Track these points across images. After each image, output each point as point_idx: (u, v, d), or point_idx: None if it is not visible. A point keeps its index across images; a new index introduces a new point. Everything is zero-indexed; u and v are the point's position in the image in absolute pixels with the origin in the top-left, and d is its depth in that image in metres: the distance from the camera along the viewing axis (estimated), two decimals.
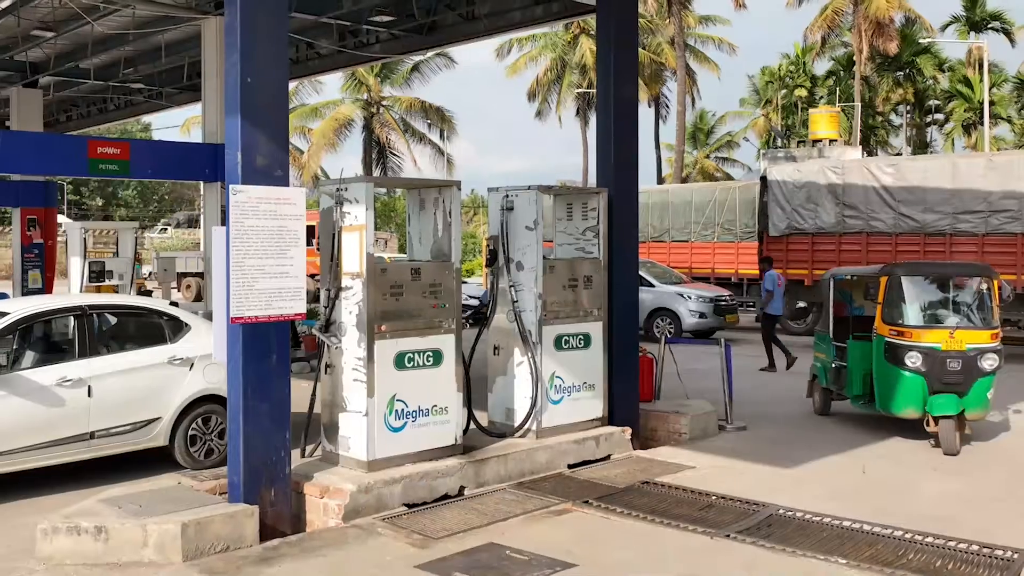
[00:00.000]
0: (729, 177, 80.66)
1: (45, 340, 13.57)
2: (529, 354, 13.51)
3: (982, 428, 15.93)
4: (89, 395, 12.82)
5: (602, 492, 12.16)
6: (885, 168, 27.14)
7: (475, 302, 27.39)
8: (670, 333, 27.59)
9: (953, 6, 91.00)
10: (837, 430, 16.19)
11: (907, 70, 78.01)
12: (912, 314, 15.26)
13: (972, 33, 74.15)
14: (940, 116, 79.71)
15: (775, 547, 10.02)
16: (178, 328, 14.09)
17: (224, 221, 10.40)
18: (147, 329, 14.11)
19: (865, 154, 61.68)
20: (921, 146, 79.98)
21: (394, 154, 68.65)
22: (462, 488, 12.10)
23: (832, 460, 14.05)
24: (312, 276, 17.18)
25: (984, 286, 15.22)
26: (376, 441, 11.58)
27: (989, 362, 14.57)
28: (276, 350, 10.85)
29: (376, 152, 67.91)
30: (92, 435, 12.89)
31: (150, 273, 47.42)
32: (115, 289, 24.96)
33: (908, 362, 14.72)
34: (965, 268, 17.38)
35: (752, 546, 10.07)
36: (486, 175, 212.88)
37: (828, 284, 17.44)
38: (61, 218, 46.28)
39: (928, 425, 14.64)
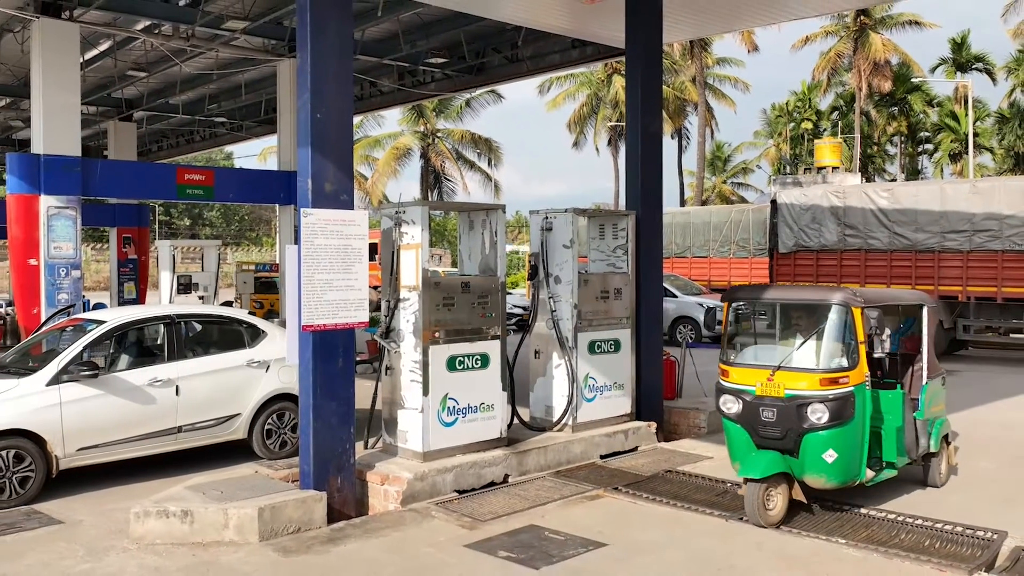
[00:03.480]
0: (744, 200, 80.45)
1: (138, 345, 13.61)
2: (566, 357, 13.48)
3: (977, 423, 15.82)
4: (177, 394, 12.87)
5: (630, 480, 12.11)
6: (881, 192, 27.00)
7: (520, 311, 27.37)
8: (691, 338, 27.46)
9: (942, 49, 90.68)
10: None
11: (901, 106, 77.80)
12: (738, 349, 11.35)
13: (959, 73, 73.91)
14: (930, 146, 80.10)
15: (781, 529, 9.95)
16: (256, 334, 14.12)
17: (297, 240, 10.40)
18: (228, 335, 14.14)
19: (864, 180, 61.44)
20: (913, 173, 79.66)
21: (448, 180, 68.74)
22: (506, 476, 12.06)
23: None
24: (374, 288, 17.15)
25: (838, 318, 10.54)
26: (430, 434, 11.60)
27: (816, 415, 10.11)
28: (342, 354, 10.86)
29: (432, 178, 68.00)
30: (179, 429, 12.94)
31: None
32: (201, 299, 25.00)
33: (723, 407, 10.89)
34: (812, 294, 12.00)
35: (762, 528, 10.01)
36: (529, 199, 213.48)
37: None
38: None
39: (740, 487, 10.51)
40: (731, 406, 10.77)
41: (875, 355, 10.71)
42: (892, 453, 11.05)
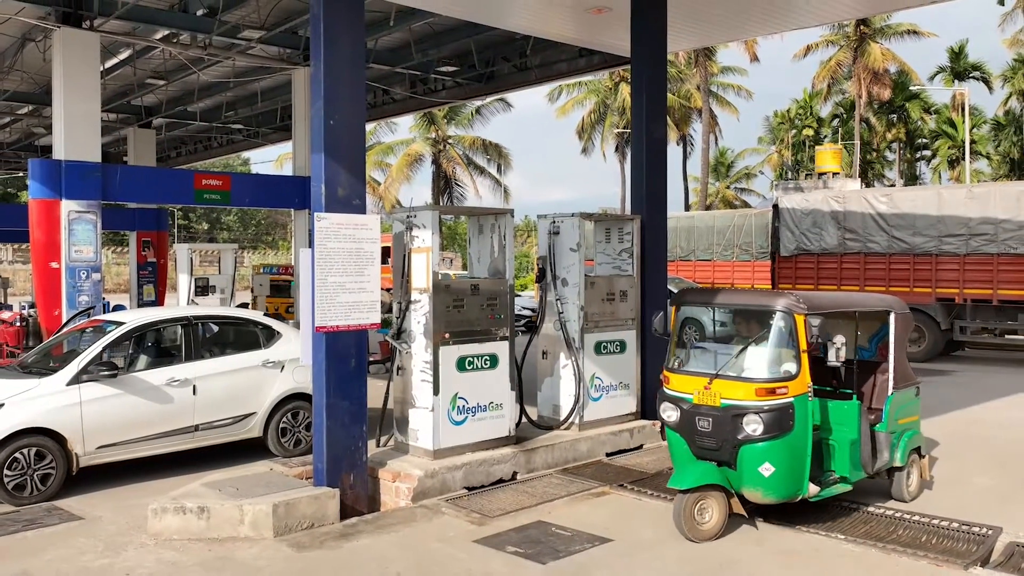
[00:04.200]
0: (747, 205, 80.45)
1: (156, 346, 13.63)
2: (573, 358, 13.46)
3: (973, 422, 15.80)
4: (194, 393, 12.89)
5: (635, 477, 12.09)
6: (880, 198, 26.96)
7: (528, 313, 27.31)
8: (696, 339, 27.39)
9: (940, 58, 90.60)
10: None
11: (900, 113, 77.85)
12: (680, 354, 10.64)
13: (956, 81, 73.90)
14: (928, 152, 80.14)
15: (782, 524, 9.93)
16: (271, 335, 14.14)
17: (311, 244, 10.41)
18: (244, 336, 14.16)
19: (863, 185, 61.32)
20: (912, 178, 79.74)
21: (458, 185, 68.74)
22: (515, 473, 12.05)
23: None
24: (386, 290, 17.17)
25: (779, 324, 9.75)
26: (441, 433, 11.59)
27: (752, 426, 9.41)
28: (355, 355, 10.86)
29: (443, 183, 68.01)
30: (196, 428, 12.97)
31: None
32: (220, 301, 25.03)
33: (663, 415, 10.29)
34: (754, 299, 11.11)
35: (762, 522, 9.99)
36: (537, 203, 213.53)
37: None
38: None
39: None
40: (670, 414, 10.16)
41: (829, 363, 9.93)
42: (845, 467, 10.30)
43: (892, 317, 11.01)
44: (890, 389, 10.84)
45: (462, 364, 11.84)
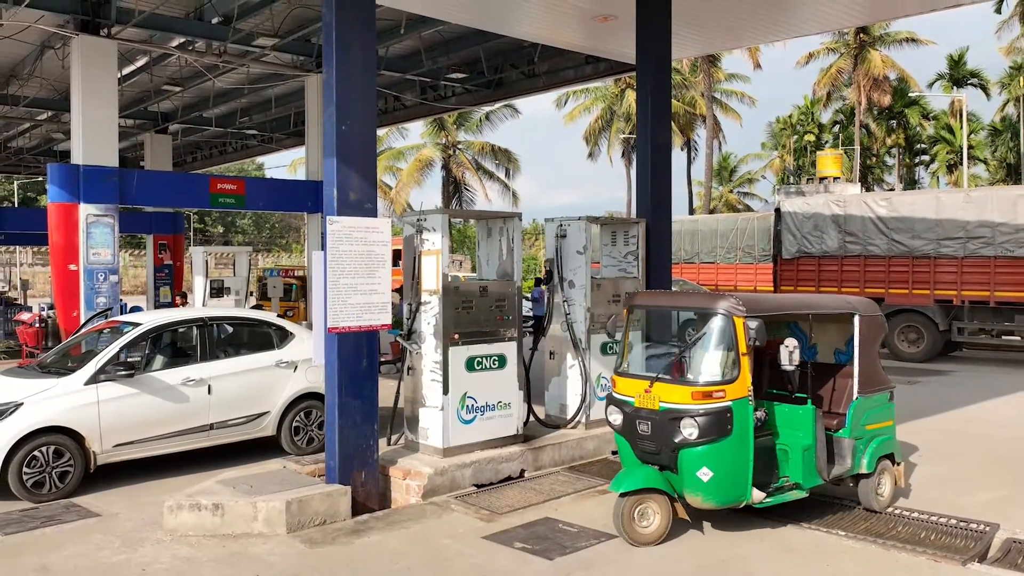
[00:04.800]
0: (749, 209, 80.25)
1: (172, 346, 13.62)
2: (579, 358, 13.45)
3: (971, 421, 15.77)
4: (209, 393, 12.90)
5: None
6: (880, 201, 26.92)
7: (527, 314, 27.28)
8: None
9: (938, 64, 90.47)
10: None
11: (899, 119, 77.78)
12: (627, 357, 10.19)
13: (955, 88, 73.85)
14: (926, 158, 79.98)
15: (783, 522, 9.90)
16: (284, 336, 14.14)
17: (323, 246, 10.41)
18: (258, 337, 14.15)
19: (863, 189, 61.07)
20: (910, 183, 79.60)
21: (468, 189, 68.71)
22: (522, 471, 12.04)
23: None
24: (397, 292, 17.17)
25: (718, 327, 9.34)
26: (450, 431, 11.60)
27: (688, 430, 9.06)
28: (366, 355, 10.86)
29: (452, 187, 68.00)
30: (211, 426, 12.97)
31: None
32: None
33: (609, 418, 10.00)
34: (695, 301, 10.48)
35: (763, 519, 9.97)
36: (545, 207, 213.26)
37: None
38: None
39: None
40: (615, 417, 9.85)
41: (782, 367, 9.43)
42: (798, 473, 9.81)
43: (856, 319, 10.41)
44: (855, 394, 10.32)
45: (471, 364, 11.84)
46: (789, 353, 9.27)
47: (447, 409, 11.59)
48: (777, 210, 29.81)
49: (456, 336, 11.67)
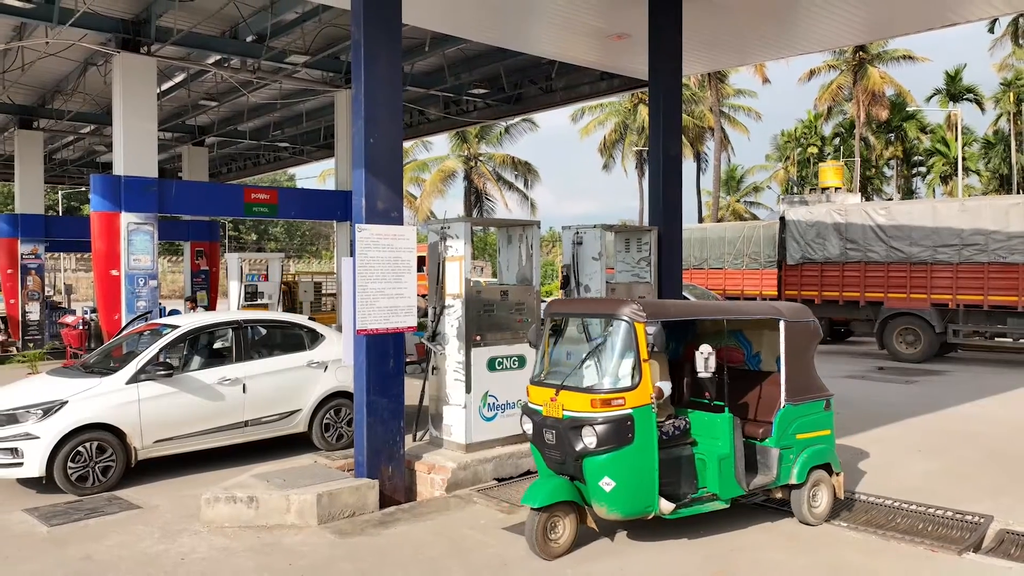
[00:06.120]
0: (755, 217, 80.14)
1: (209, 348, 13.65)
2: None
3: (966, 419, 15.70)
4: (244, 392, 12.92)
5: None
6: (879, 210, 26.87)
7: None
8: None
9: (935, 80, 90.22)
10: None
11: (897, 132, 77.58)
12: (542, 365, 9.50)
13: (952, 102, 73.67)
14: (923, 169, 79.77)
15: (787, 513, 9.82)
16: (315, 338, 14.14)
17: (352, 253, 10.41)
18: (290, 338, 14.15)
19: (863, 199, 61.09)
20: (908, 193, 79.38)
21: (488, 199, 68.63)
22: None
23: None
24: (422, 296, 17.16)
25: (618, 333, 8.72)
26: (473, 428, 11.61)
27: (588, 438, 8.37)
28: (393, 356, 10.85)
29: (474, 197, 67.95)
30: (246, 424, 12.98)
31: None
32: (266, 307, 25.02)
33: (523, 426, 9.33)
34: (599, 307, 9.47)
35: (767, 511, 9.94)
36: (562, 216, 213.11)
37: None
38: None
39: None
40: (527, 427, 9.21)
41: (699, 375, 8.73)
42: (715, 483, 9.08)
43: (782, 326, 9.63)
44: (783, 402, 9.54)
45: (492, 364, 11.84)
46: (704, 360, 8.65)
47: (469, 407, 11.59)
48: (782, 218, 29.79)
49: (478, 337, 11.68)
